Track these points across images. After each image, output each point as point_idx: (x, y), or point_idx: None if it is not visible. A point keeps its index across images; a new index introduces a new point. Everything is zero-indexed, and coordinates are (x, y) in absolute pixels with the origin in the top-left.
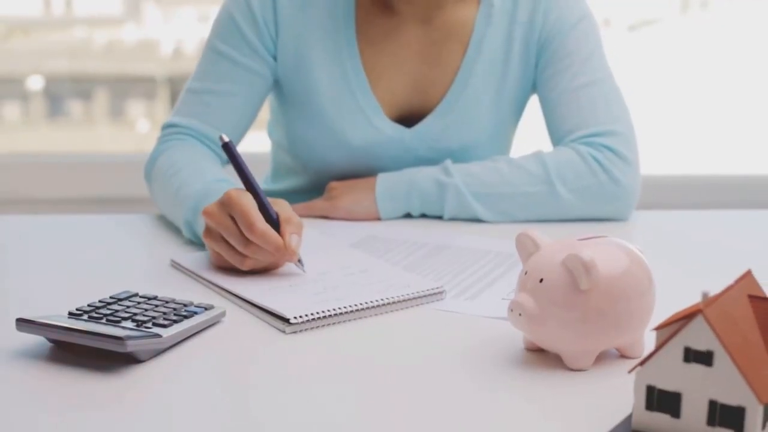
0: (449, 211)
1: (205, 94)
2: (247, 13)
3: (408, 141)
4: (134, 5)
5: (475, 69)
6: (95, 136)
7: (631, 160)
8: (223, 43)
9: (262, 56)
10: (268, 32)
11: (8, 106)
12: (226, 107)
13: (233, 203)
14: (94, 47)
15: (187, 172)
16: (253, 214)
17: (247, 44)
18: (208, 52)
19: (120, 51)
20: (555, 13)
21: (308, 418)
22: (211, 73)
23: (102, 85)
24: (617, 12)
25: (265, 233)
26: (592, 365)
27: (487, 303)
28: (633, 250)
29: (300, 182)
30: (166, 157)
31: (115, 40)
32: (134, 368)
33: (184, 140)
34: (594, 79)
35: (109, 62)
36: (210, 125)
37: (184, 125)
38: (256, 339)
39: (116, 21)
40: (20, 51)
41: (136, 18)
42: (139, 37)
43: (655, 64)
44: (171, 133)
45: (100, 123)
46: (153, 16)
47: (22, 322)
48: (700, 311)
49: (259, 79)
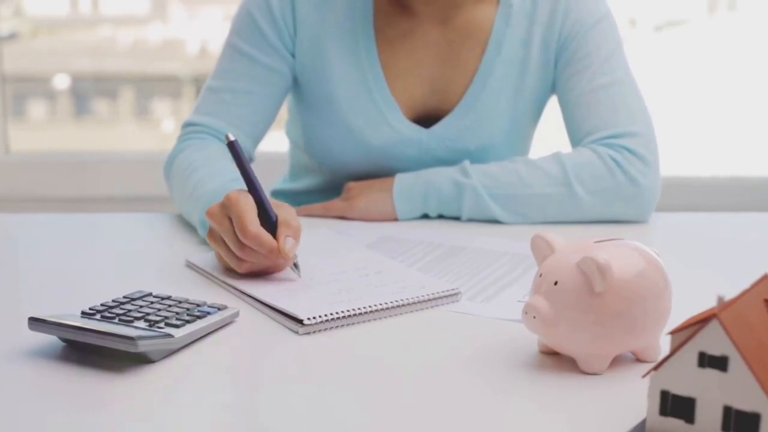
0: (467, 212)
1: (224, 93)
2: (266, 11)
3: (425, 142)
4: (160, 4)
5: (494, 69)
6: (120, 135)
7: (651, 161)
8: (242, 41)
9: (282, 54)
10: (287, 30)
11: (34, 105)
12: (245, 105)
13: (231, 204)
14: (120, 46)
15: (204, 171)
16: (248, 216)
17: (267, 42)
18: (227, 51)
19: (145, 50)
20: (575, 13)
21: (320, 420)
22: (230, 72)
23: (127, 83)
24: (643, 12)
25: (258, 236)
26: (607, 369)
27: (502, 305)
28: (649, 253)
29: (317, 182)
30: (185, 156)
31: (140, 39)
32: (146, 368)
33: (203, 139)
34: (614, 80)
35: (134, 61)
36: (229, 123)
37: (204, 124)
38: (269, 340)
39: (142, 20)
40: (47, 50)
41: (161, 17)
42: (165, 36)
43: (681, 65)
44: (190, 132)
45: (125, 122)
46: (179, 15)
47: (35, 321)
48: (715, 315)
49: (278, 77)
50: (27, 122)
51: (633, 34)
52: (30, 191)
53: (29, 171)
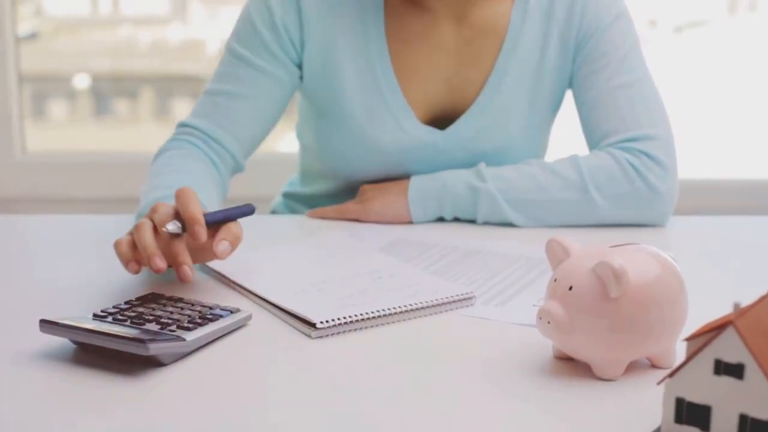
0: (482, 216)
1: (219, 96)
2: (266, 17)
3: (441, 144)
4: (180, 4)
5: (510, 67)
6: (140, 135)
7: (669, 166)
8: (240, 45)
9: (281, 60)
10: (289, 38)
11: (55, 104)
12: (238, 109)
13: (179, 193)
14: (140, 46)
15: (169, 178)
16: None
17: (264, 47)
18: (226, 55)
19: (165, 50)
20: (592, 11)
21: (332, 425)
22: (226, 75)
23: (147, 83)
24: (663, 13)
25: (195, 214)
26: (622, 375)
27: (517, 309)
28: (665, 258)
29: (330, 186)
30: (165, 156)
31: (160, 39)
32: (157, 371)
33: (192, 144)
34: (631, 80)
35: (154, 61)
36: (219, 126)
37: (195, 126)
38: (281, 343)
39: (162, 20)
40: (67, 50)
41: (181, 17)
42: (185, 36)
43: (701, 66)
44: (181, 133)
45: (145, 122)
46: (199, 15)
47: (46, 323)
48: (731, 322)
49: (275, 83)
50: (47, 122)
51: (653, 35)
52: (47, 192)
53: (46, 171)
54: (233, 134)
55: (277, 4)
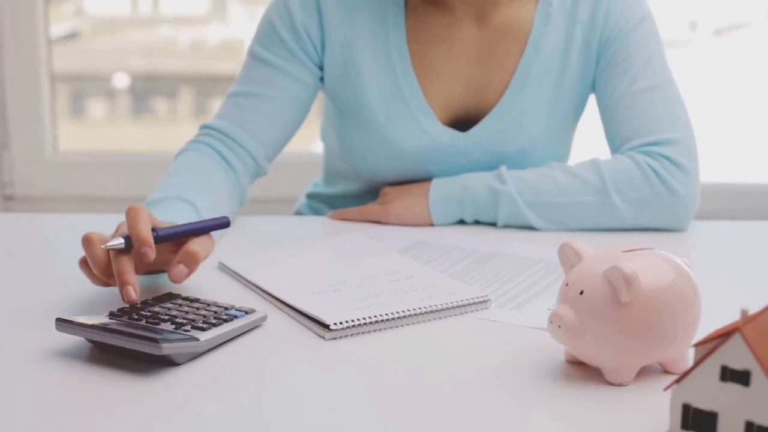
0: (503, 219)
1: (240, 97)
2: (286, 19)
3: (462, 146)
4: (220, 4)
5: (533, 69)
6: (179, 135)
7: (690, 170)
8: (262, 47)
9: (302, 61)
10: (309, 40)
11: (94, 104)
12: (259, 110)
13: (128, 211)
14: (179, 46)
15: (177, 178)
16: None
17: (286, 49)
18: (248, 58)
19: (204, 50)
20: (617, 13)
21: (345, 426)
22: (248, 77)
23: (186, 83)
24: (703, 15)
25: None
26: (633, 380)
27: (532, 313)
28: (678, 263)
29: (353, 187)
30: (184, 157)
31: (199, 39)
32: (171, 371)
33: (208, 147)
34: (654, 83)
35: (193, 61)
36: (240, 127)
37: (215, 126)
38: (295, 345)
39: (201, 20)
40: (106, 49)
41: (221, 17)
42: (224, 36)
43: (741, 69)
44: (203, 134)
45: (184, 121)
46: (238, 15)
47: (61, 322)
48: (738, 329)
49: (297, 85)
50: (86, 121)
51: (693, 37)
52: (77, 191)
53: (76, 171)
54: (253, 134)
55: (298, 6)
